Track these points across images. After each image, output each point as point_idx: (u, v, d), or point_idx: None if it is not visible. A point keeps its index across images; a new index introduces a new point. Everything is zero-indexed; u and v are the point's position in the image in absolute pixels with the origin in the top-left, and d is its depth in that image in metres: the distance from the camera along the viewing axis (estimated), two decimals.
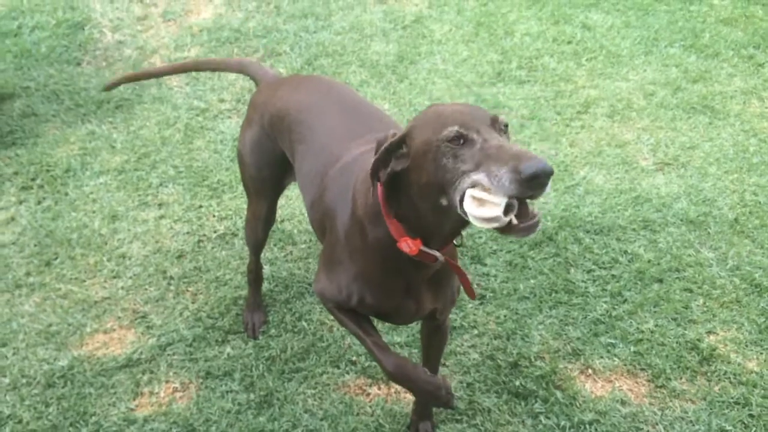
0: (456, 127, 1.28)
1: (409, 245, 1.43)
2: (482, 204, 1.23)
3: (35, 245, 2.66)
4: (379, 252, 1.53)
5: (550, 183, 1.21)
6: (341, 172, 1.69)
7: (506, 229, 1.24)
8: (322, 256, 1.76)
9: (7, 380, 2.23)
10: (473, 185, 1.24)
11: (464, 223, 1.41)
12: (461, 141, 1.28)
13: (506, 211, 1.22)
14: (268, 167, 2.04)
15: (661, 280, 2.58)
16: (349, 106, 1.92)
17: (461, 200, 1.27)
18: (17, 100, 3.37)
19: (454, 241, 1.53)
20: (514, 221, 1.23)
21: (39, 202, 2.85)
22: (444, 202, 1.33)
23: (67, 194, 2.88)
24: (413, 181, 1.38)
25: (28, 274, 2.56)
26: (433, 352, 1.97)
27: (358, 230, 1.56)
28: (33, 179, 2.94)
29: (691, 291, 2.55)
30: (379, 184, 1.44)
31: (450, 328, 1.99)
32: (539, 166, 1.16)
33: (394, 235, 1.46)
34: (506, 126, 1.36)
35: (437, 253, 1.47)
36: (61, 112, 3.30)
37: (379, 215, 1.48)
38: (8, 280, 2.54)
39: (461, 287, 1.78)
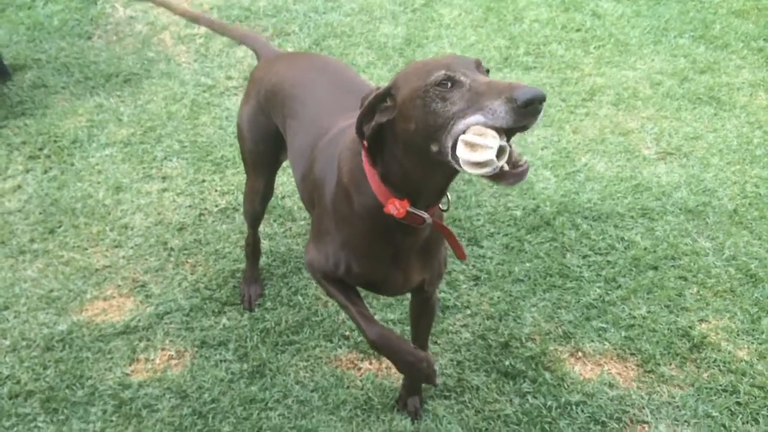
0: (443, 71, 1.28)
1: (396, 206, 1.43)
2: (474, 149, 1.22)
3: (40, 213, 2.71)
4: (365, 219, 1.54)
5: (543, 110, 1.21)
6: (329, 143, 1.71)
7: (497, 176, 1.24)
8: (311, 228, 1.79)
9: (7, 342, 2.29)
10: (466, 129, 1.23)
11: (452, 176, 1.42)
12: (449, 84, 1.27)
13: (498, 156, 1.22)
14: (264, 142, 2.07)
15: (656, 268, 2.59)
16: (341, 82, 1.94)
17: (453, 146, 1.26)
18: (28, 72, 3.42)
19: (441, 206, 1.53)
20: (506, 167, 1.23)
21: (45, 172, 2.89)
22: (435, 148, 1.30)
23: (73, 164, 2.92)
24: (400, 131, 1.36)
25: (32, 240, 2.62)
26: (422, 328, 1.99)
27: (344, 198, 1.57)
28: (40, 149, 2.99)
29: (685, 279, 2.55)
30: (363, 146, 1.45)
31: (438, 303, 2.01)
32: (533, 91, 1.17)
33: (381, 198, 1.46)
34: (487, 71, 1.36)
35: (425, 214, 1.47)
36: (70, 85, 3.35)
37: (365, 181, 1.48)
38: (13, 246, 2.59)
39: (446, 260, 1.80)
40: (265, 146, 2.08)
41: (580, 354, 2.32)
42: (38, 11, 3.79)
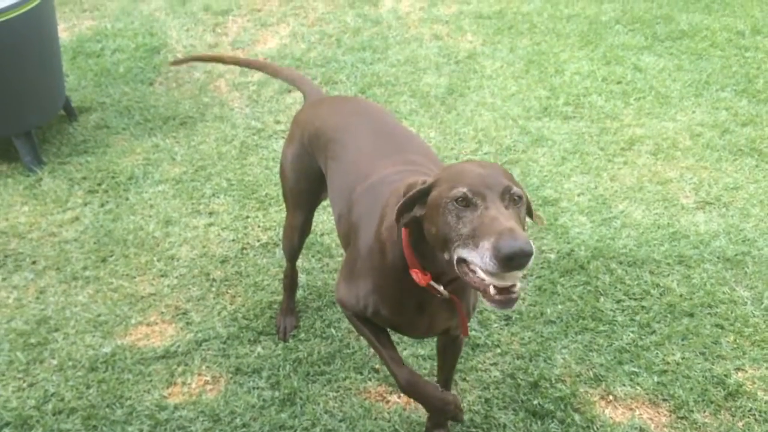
0: (464, 189, 1.39)
1: (418, 276, 1.55)
2: (468, 272, 1.38)
3: (94, 243, 2.88)
4: (394, 272, 1.65)
5: (531, 262, 1.29)
6: (369, 189, 1.81)
7: (485, 296, 1.36)
8: (343, 266, 1.88)
9: (55, 362, 2.41)
10: (468, 250, 1.36)
11: None
12: (465, 203, 1.38)
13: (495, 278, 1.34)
14: (306, 180, 2.18)
15: (692, 315, 2.56)
16: (382, 127, 2.05)
17: (458, 260, 1.39)
18: (93, 114, 3.66)
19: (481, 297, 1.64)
20: (492, 291, 1.34)
21: (102, 205, 3.07)
22: (446, 256, 1.43)
23: (127, 199, 3.10)
24: (426, 228, 1.49)
25: (85, 268, 2.77)
26: (448, 365, 2.04)
27: (378, 249, 1.69)
28: (99, 184, 3.19)
29: (722, 327, 2.52)
30: (402, 230, 1.58)
31: (464, 341, 2.06)
32: (516, 246, 1.25)
33: (408, 263, 1.58)
34: (519, 197, 1.43)
35: (443, 290, 1.58)
36: (130, 126, 3.57)
37: (399, 242, 1.60)
38: (67, 272, 2.75)
39: (476, 305, 1.87)
40: (306, 185, 2.20)
41: (611, 397, 2.30)
42: (106, 59, 4.08)
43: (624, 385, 2.33)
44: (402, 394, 2.29)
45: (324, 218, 2.96)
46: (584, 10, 4.56)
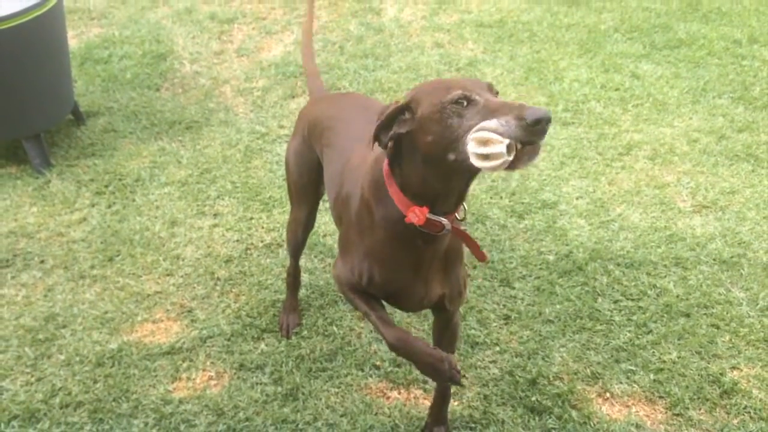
0: (460, 90, 1.42)
1: (416, 214, 1.52)
2: (486, 144, 1.34)
3: (101, 243, 2.93)
4: (386, 229, 1.63)
5: (549, 129, 1.33)
6: (357, 165, 1.83)
7: (513, 164, 1.35)
8: (339, 242, 1.90)
9: (62, 357, 2.46)
10: (479, 129, 1.35)
11: (469, 180, 1.53)
12: (465, 102, 1.41)
13: (509, 152, 1.33)
14: (308, 173, 2.24)
15: (688, 315, 2.60)
16: (373, 113, 2.09)
17: (466, 148, 1.38)
18: (101, 118, 3.73)
19: (458, 216, 1.61)
20: (518, 152, 1.33)
21: (109, 206, 3.13)
22: (452, 156, 1.42)
23: (134, 200, 3.16)
24: (420, 142, 1.48)
25: (92, 267, 2.82)
26: (444, 350, 2.04)
27: (366, 210, 1.68)
28: (106, 186, 3.24)
29: (717, 327, 2.56)
30: (385, 151, 1.56)
31: (460, 326, 2.06)
32: (541, 112, 1.30)
33: (401, 207, 1.55)
34: (497, 93, 1.48)
35: (444, 220, 1.55)
36: (137, 130, 3.63)
37: (385, 192, 1.59)
38: (75, 271, 2.80)
39: (466, 280, 1.87)
40: (308, 177, 2.25)
41: (607, 395, 2.34)
42: (113, 65, 4.15)
43: (621, 382, 2.37)
44: (404, 389, 2.34)
45: (326, 219, 3.01)
46: (583, 19, 4.63)
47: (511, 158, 1.34)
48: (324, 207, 2.97)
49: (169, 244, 2.93)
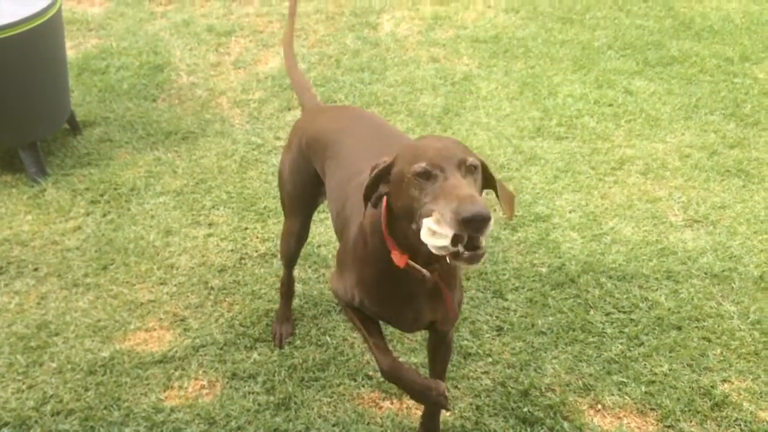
0: (424, 164, 1.46)
1: (397, 257, 1.61)
2: (434, 235, 1.40)
3: (96, 251, 2.93)
4: (376, 261, 1.70)
5: (489, 226, 1.35)
6: (360, 184, 1.87)
7: (454, 257, 1.40)
8: (337, 256, 1.95)
9: (54, 365, 2.45)
10: (428, 215, 1.42)
11: None
12: (426, 176, 1.46)
13: (455, 242, 1.38)
14: (303, 186, 2.25)
15: (679, 328, 2.62)
16: (376, 129, 2.13)
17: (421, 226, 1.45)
18: (97, 128, 3.74)
19: (448, 259, 1.64)
20: (461, 250, 1.38)
21: (104, 215, 3.14)
22: (413, 226, 1.50)
23: (129, 210, 3.17)
24: (393, 204, 1.57)
25: (86, 275, 2.82)
26: (438, 364, 2.08)
27: (361, 239, 1.75)
28: (101, 195, 3.25)
29: (709, 340, 2.57)
30: (383, 202, 1.63)
31: (453, 342, 2.10)
32: (474, 211, 1.32)
33: (389, 246, 1.63)
34: (475, 167, 1.51)
35: (424, 270, 1.63)
36: (133, 140, 3.65)
37: (379, 227, 1.66)
38: (68, 279, 2.80)
39: (461, 302, 1.92)
40: (303, 189, 2.26)
41: (599, 406, 2.35)
42: (111, 76, 4.17)
43: (612, 394, 2.38)
44: (396, 399, 2.34)
45: (321, 230, 3.03)
46: (577, 36, 4.68)
47: (456, 249, 1.38)
48: (318, 217, 2.99)
49: (164, 253, 2.93)
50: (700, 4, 5.16)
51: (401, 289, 1.74)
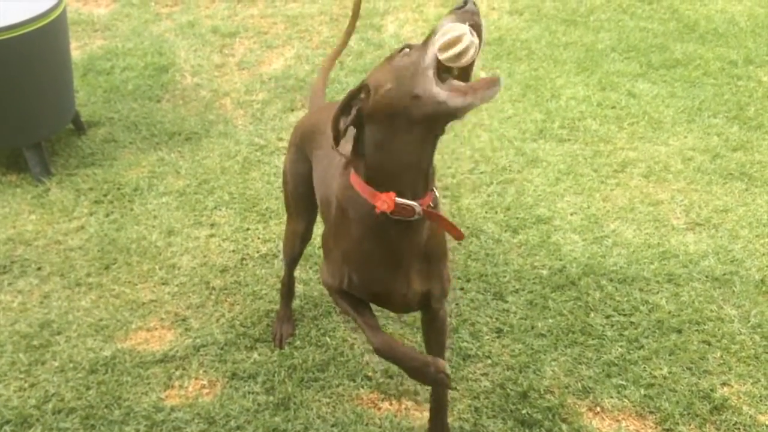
0: (403, 45, 1.49)
1: (384, 200, 1.52)
2: (452, 45, 1.37)
3: (98, 251, 2.95)
4: (360, 226, 1.63)
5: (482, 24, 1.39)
6: (335, 170, 1.81)
7: (471, 89, 1.37)
8: (322, 246, 1.92)
9: (56, 363, 2.47)
10: (437, 39, 1.40)
11: (431, 150, 1.52)
12: (409, 49, 1.47)
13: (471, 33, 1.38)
14: (304, 185, 2.25)
15: (679, 331, 2.62)
16: None
17: (432, 72, 1.40)
18: (101, 128, 3.77)
19: (431, 203, 1.60)
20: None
21: (107, 215, 3.16)
22: (417, 91, 1.41)
23: (132, 210, 3.18)
24: (378, 106, 1.48)
25: (88, 275, 2.84)
26: (435, 349, 2.01)
27: (340, 213, 1.69)
28: (105, 195, 3.27)
29: (709, 344, 2.57)
30: (349, 148, 1.59)
31: (447, 321, 2.01)
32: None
33: (369, 199, 1.55)
34: None
35: (414, 203, 1.55)
36: (137, 140, 3.67)
37: (354, 191, 1.60)
38: (71, 278, 2.82)
39: (450, 278, 1.86)
40: (304, 189, 2.26)
41: (598, 409, 2.35)
42: (115, 76, 4.19)
43: (611, 397, 2.38)
44: (396, 400, 2.35)
45: (321, 230, 3.03)
46: (581, 38, 4.68)
47: (475, 38, 1.37)
48: (319, 218, 2.99)
49: (166, 253, 2.95)
50: (705, 6, 5.15)
51: (389, 252, 1.66)
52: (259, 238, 3.04)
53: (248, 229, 3.09)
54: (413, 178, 1.56)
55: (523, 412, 2.31)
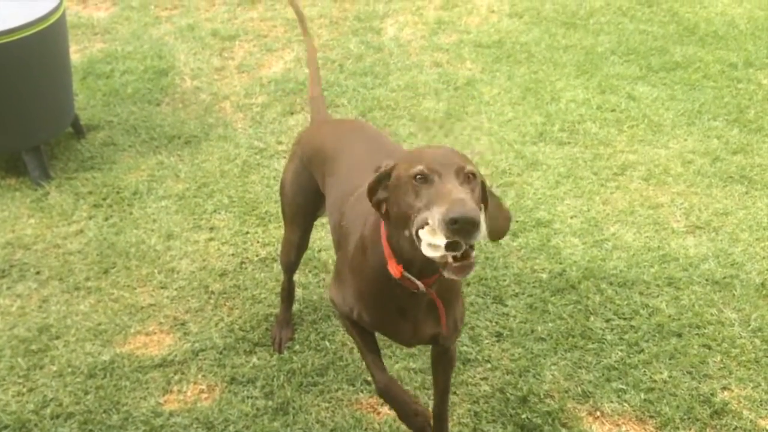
0: (422, 167, 1.47)
1: (393, 267, 1.61)
2: (430, 246, 1.41)
3: (97, 255, 2.95)
4: (374, 272, 1.71)
5: (479, 232, 1.35)
6: (359, 198, 1.87)
7: (444, 265, 1.42)
8: (335, 266, 1.96)
9: (54, 368, 2.47)
10: (423, 223, 1.43)
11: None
12: (423, 179, 1.47)
13: (449, 248, 1.38)
14: (304, 197, 2.27)
15: (680, 335, 2.61)
16: (375, 143, 2.15)
17: (417, 232, 1.45)
18: (100, 132, 3.76)
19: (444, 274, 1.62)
20: (450, 260, 1.40)
21: (106, 219, 3.15)
22: (406, 233, 1.50)
23: (131, 213, 3.18)
24: (390, 210, 1.57)
25: (87, 278, 2.84)
26: (441, 378, 2.08)
27: (361, 249, 1.76)
28: (104, 199, 3.27)
29: (709, 348, 2.56)
30: (379, 212, 1.63)
31: (456, 354, 2.10)
32: (461, 212, 1.33)
33: (386, 257, 1.64)
34: (473, 175, 1.52)
35: (419, 283, 1.62)
36: (136, 144, 3.66)
37: (379, 238, 1.66)
38: (69, 282, 2.82)
39: (463, 315, 1.92)
40: (303, 200, 2.29)
41: (598, 413, 2.34)
42: (115, 80, 4.19)
43: (611, 401, 2.37)
44: None
45: (321, 234, 3.03)
46: (581, 41, 4.68)
47: (447, 254, 1.38)
48: (318, 222, 2.98)
49: (165, 257, 2.94)
50: (705, 9, 5.15)
51: (399, 302, 1.74)
52: (258, 242, 3.04)
53: (247, 232, 3.08)
54: (419, 263, 1.60)
55: (523, 416, 2.30)
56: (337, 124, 2.47)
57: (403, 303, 1.74)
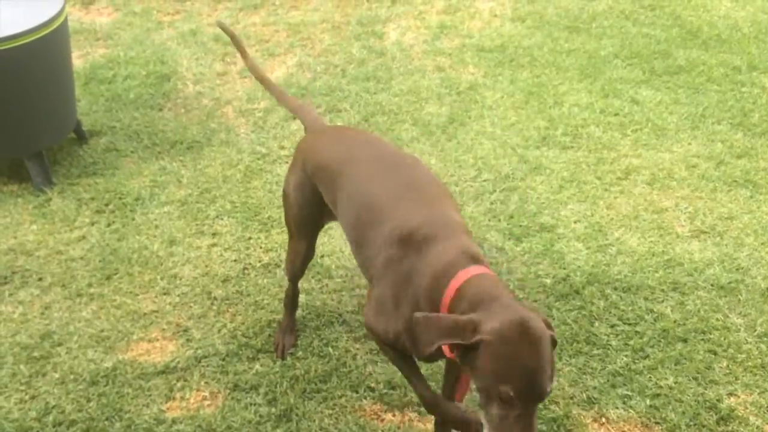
0: (511, 392, 1.50)
1: (447, 350, 1.68)
2: None
3: (100, 261, 2.94)
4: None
5: None
6: (399, 242, 1.87)
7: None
8: (370, 294, 1.96)
9: (57, 375, 2.46)
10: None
11: None
12: (503, 401, 1.52)
13: None
14: (309, 207, 2.27)
15: (685, 340, 2.59)
16: (384, 156, 2.14)
17: (486, 409, 1.57)
18: (103, 137, 3.76)
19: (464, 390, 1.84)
20: None
21: (109, 225, 3.14)
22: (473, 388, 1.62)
23: (134, 219, 3.17)
24: (472, 374, 1.61)
25: (90, 285, 2.83)
26: (451, 390, 2.11)
27: (410, 289, 1.81)
28: (106, 204, 3.26)
29: (715, 353, 2.55)
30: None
31: None
32: None
33: (445, 327, 1.64)
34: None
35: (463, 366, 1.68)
36: (139, 149, 3.66)
37: (438, 295, 1.73)
38: (72, 289, 2.81)
39: None
40: (309, 211, 2.28)
41: (603, 420, 2.33)
42: (117, 85, 4.19)
43: (617, 407, 2.35)
44: (398, 412, 2.33)
45: (324, 240, 3.02)
46: (584, 45, 4.67)
47: None
48: (322, 231, 2.98)
49: (167, 263, 2.93)
50: (708, 12, 5.13)
51: None
52: (261, 248, 3.03)
53: (250, 238, 3.07)
54: None
55: None
56: (339, 136, 2.41)
57: None
